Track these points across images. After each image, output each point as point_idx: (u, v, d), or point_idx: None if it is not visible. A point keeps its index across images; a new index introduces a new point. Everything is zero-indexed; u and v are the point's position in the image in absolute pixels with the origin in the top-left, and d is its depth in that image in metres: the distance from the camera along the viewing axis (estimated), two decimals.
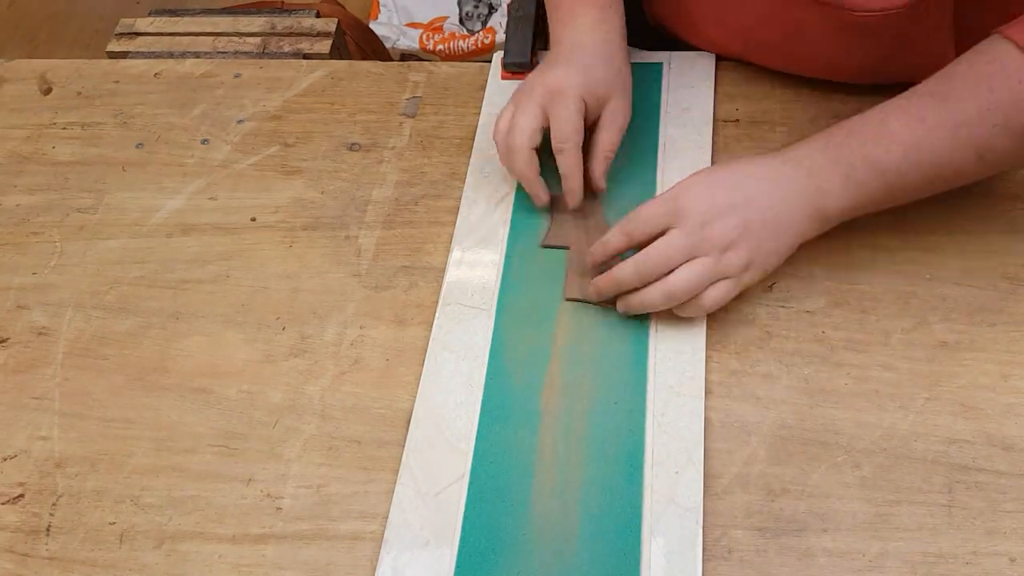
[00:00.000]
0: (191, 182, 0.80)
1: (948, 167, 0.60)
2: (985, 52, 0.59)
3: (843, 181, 0.61)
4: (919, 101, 0.61)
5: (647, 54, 0.83)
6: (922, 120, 0.60)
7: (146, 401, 0.67)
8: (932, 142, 0.59)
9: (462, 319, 0.68)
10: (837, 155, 0.62)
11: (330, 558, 0.59)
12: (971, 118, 0.58)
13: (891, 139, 0.60)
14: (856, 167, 0.61)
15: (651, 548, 0.56)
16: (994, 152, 0.59)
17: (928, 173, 0.61)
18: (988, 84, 0.58)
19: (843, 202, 0.62)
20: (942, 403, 0.61)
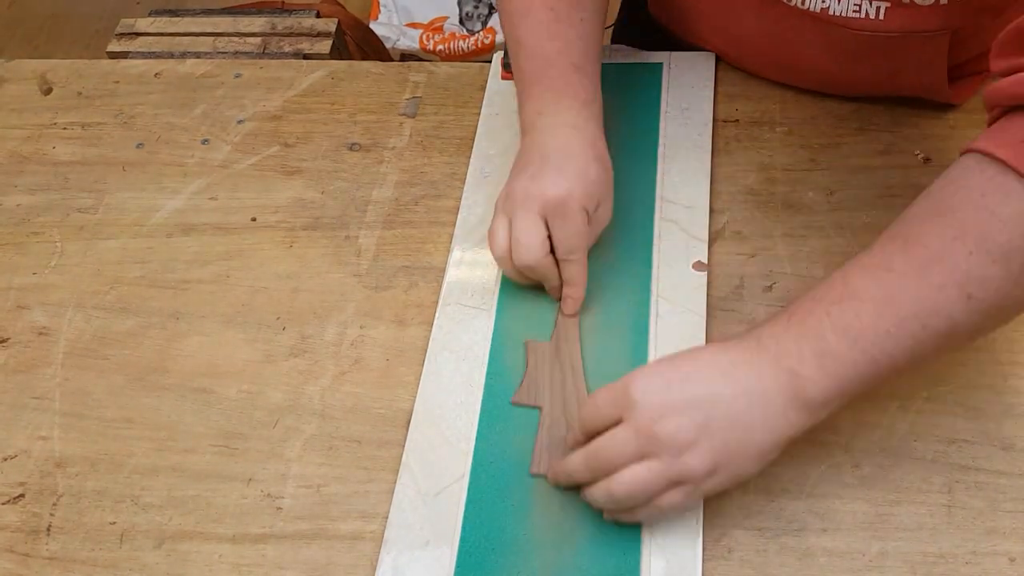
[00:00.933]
0: (191, 182, 0.80)
1: (934, 317, 0.50)
2: (946, 175, 0.53)
3: (816, 359, 0.52)
4: (881, 250, 0.53)
5: (647, 54, 0.83)
6: (889, 269, 0.52)
7: (146, 401, 0.67)
8: (905, 291, 0.51)
9: (462, 319, 0.68)
10: (803, 330, 0.53)
11: (330, 558, 0.59)
12: (938, 252, 0.50)
13: (858, 298, 0.52)
14: (827, 339, 0.52)
15: (651, 548, 0.56)
16: (981, 285, 0.49)
17: (914, 331, 0.51)
18: (948, 208, 0.51)
19: (823, 385, 0.52)
20: (942, 403, 0.61)
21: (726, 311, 0.67)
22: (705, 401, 0.53)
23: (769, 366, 0.53)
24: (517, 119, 0.79)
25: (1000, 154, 0.49)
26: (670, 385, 0.53)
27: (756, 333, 0.54)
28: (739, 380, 0.53)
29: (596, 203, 0.65)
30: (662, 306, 0.67)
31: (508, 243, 0.64)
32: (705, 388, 0.53)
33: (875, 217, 0.70)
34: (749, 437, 0.53)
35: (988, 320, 0.52)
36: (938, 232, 0.51)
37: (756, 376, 0.53)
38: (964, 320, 0.51)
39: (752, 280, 0.68)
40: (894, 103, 0.76)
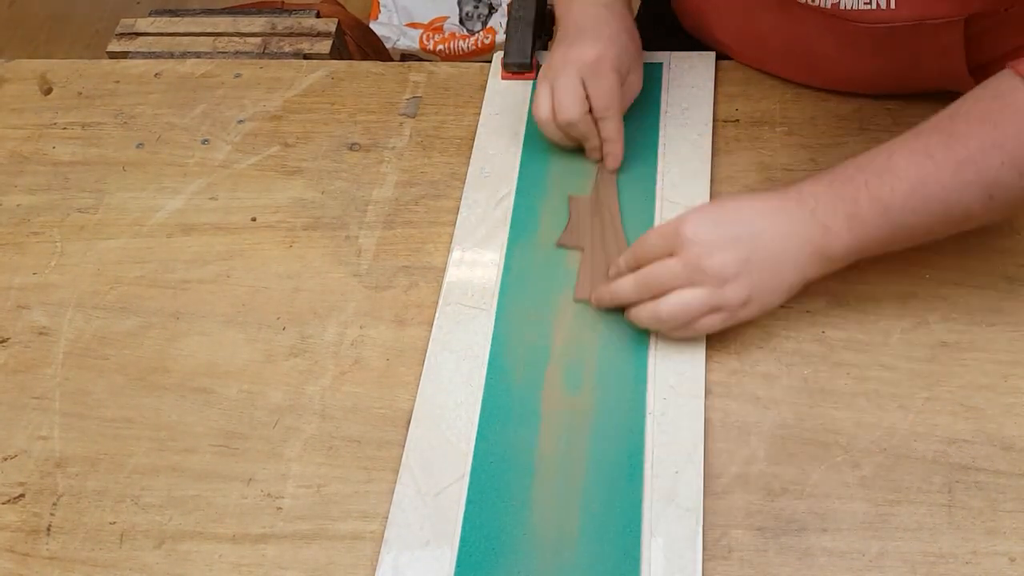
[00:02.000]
0: (191, 182, 0.80)
1: (956, 206, 0.58)
2: (992, 88, 0.59)
3: (847, 220, 0.59)
4: (926, 138, 0.59)
5: (647, 54, 0.82)
6: (929, 156, 0.58)
7: (146, 401, 0.67)
8: (938, 179, 0.58)
9: (462, 319, 0.68)
10: (842, 192, 0.60)
11: (330, 558, 0.59)
12: (976, 154, 0.57)
13: (896, 176, 0.58)
14: (861, 204, 0.59)
15: (651, 548, 0.56)
16: (1003, 189, 0.57)
17: (936, 211, 0.59)
18: (993, 120, 0.57)
19: (847, 242, 0.60)
20: (942, 403, 0.61)
21: None
22: (748, 240, 0.60)
23: (806, 218, 0.60)
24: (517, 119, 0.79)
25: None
26: (718, 224, 0.61)
27: (798, 187, 0.62)
28: (779, 225, 0.61)
29: (627, 68, 0.72)
30: None
31: (551, 106, 0.71)
32: (749, 229, 0.61)
33: None
34: (780, 275, 0.61)
35: (999, 215, 0.61)
36: (979, 137, 0.57)
37: (794, 225, 0.60)
38: (980, 213, 0.59)
39: None
40: (894, 103, 0.76)
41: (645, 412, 0.62)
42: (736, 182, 0.74)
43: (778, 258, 0.60)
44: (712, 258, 0.60)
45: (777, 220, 0.61)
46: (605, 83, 0.70)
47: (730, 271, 0.60)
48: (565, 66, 0.70)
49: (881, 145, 0.60)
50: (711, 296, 0.60)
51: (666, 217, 0.71)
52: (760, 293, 0.61)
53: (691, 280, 0.60)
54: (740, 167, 0.75)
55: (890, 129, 0.75)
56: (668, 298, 0.61)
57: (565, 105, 0.70)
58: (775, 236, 0.60)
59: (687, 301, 0.61)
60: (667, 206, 0.72)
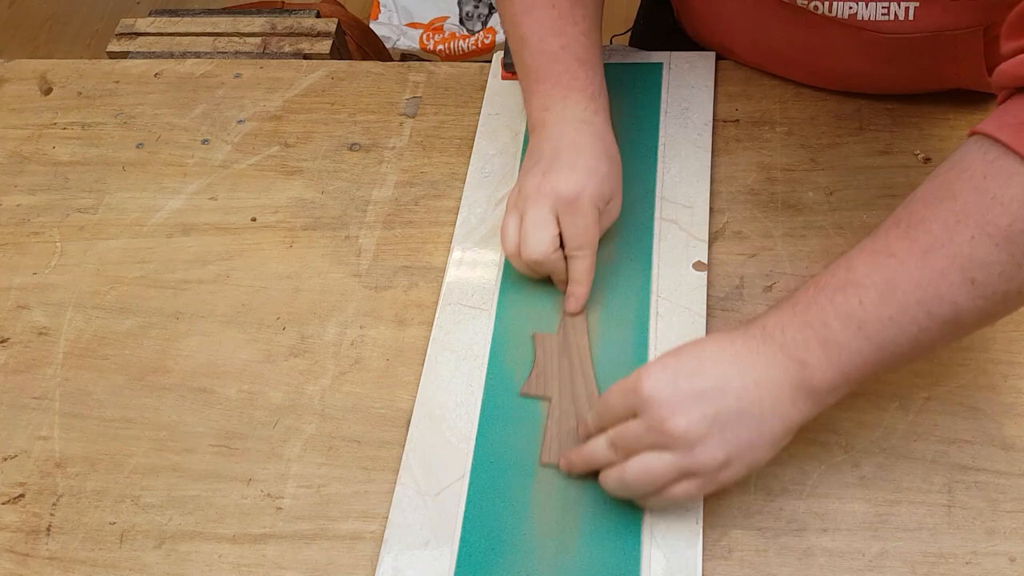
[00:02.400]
0: (191, 182, 0.80)
1: (938, 303, 0.50)
2: (950, 160, 0.52)
3: (822, 348, 0.52)
4: (884, 236, 0.53)
5: (647, 54, 0.83)
6: (890, 255, 0.51)
7: (146, 401, 0.67)
8: (907, 277, 0.50)
9: (462, 319, 0.68)
10: (807, 318, 0.52)
11: (330, 558, 0.59)
12: (940, 237, 0.50)
13: (861, 285, 0.51)
14: (832, 327, 0.51)
15: (651, 548, 0.56)
16: (983, 269, 0.49)
17: (917, 316, 0.50)
18: (950, 193, 0.50)
19: (830, 374, 0.52)
20: (942, 403, 0.61)
21: (726, 311, 0.67)
22: (714, 393, 0.52)
23: (776, 356, 0.53)
24: (517, 119, 0.79)
25: (1002, 136, 0.49)
26: (678, 380, 0.53)
27: (761, 322, 0.54)
28: (747, 370, 0.53)
29: (607, 199, 0.66)
30: (662, 306, 0.67)
31: (519, 239, 0.65)
32: (713, 380, 0.53)
33: (875, 217, 0.70)
34: (760, 427, 0.53)
35: (993, 305, 0.51)
36: (941, 216, 0.50)
37: (763, 366, 0.53)
38: (968, 306, 0.50)
39: (752, 280, 0.68)
40: (894, 103, 0.76)
41: None
42: (736, 182, 0.74)
43: (753, 409, 0.52)
44: (675, 419, 0.52)
45: (744, 365, 0.53)
46: (582, 222, 0.64)
47: (698, 431, 0.52)
48: (538, 198, 0.64)
49: (840, 257, 0.54)
50: (680, 460, 0.53)
51: (666, 217, 0.71)
52: (740, 451, 0.53)
53: (657, 445, 0.53)
54: (740, 167, 0.75)
55: (890, 128, 0.75)
56: (632, 462, 0.54)
57: (532, 243, 0.64)
58: (745, 385, 0.52)
59: (651, 466, 0.53)
60: (667, 206, 0.72)
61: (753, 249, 0.70)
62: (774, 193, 0.73)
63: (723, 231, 0.71)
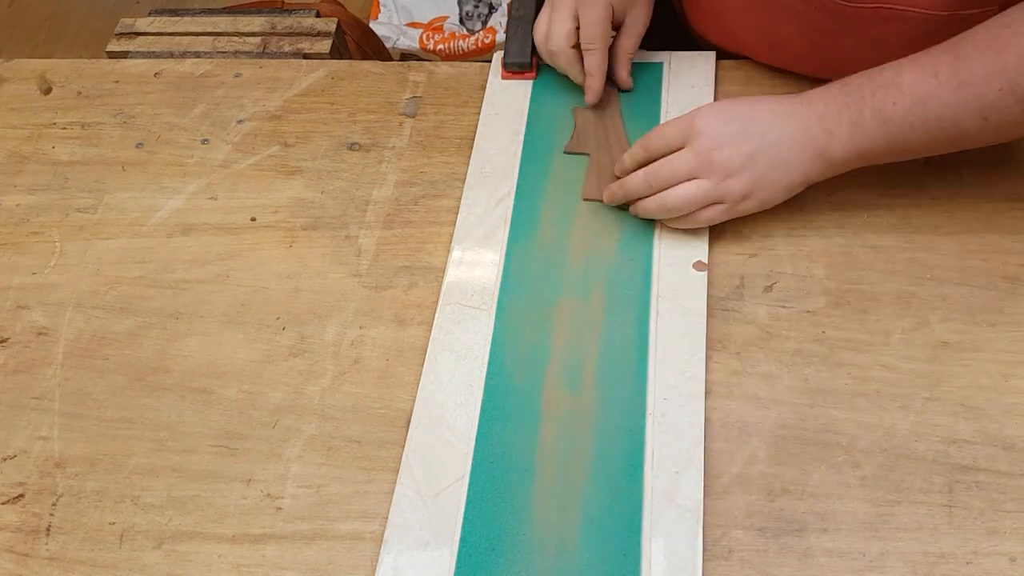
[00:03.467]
0: (191, 182, 0.80)
1: (952, 125, 0.61)
2: (1005, 16, 0.60)
3: (850, 127, 0.63)
4: (935, 58, 0.61)
5: (647, 54, 0.83)
6: (934, 75, 0.61)
7: (146, 401, 0.67)
8: (939, 98, 0.60)
9: (462, 319, 0.68)
10: (848, 100, 0.63)
11: (330, 558, 0.59)
12: (978, 78, 0.59)
13: (901, 90, 0.62)
14: (864, 113, 0.63)
15: (651, 548, 0.56)
16: (998, 113, 0.60)
17: (933, 129, 0.62)
18: (998, 47, 0.59)
19: (847, 147, 0.64)
20: (942, 403, 0.61)
21: (726, 311, 0.67)
22: (756, 137, 0.65)
23: (813, 121, 0.64)
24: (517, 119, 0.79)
25: None
26: (729, 120, 0.65)
27: (812, 92, 0.66)
28: (786, 126, 0.65)
29: (624, 4, 0.75)
30: (662, 306, 0.67)
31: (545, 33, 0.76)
32: (758, 127, 0.65)
33: (876, 217, 0.70)
34: (782, 173, 0.65)
35: (993, 138, 0.63)
36: (983, 62, 0.60)
37: (801, 126, 0.64)
38: (975, 134, 0.62)
39: (752, 280, 0.68)
40: None
41: (645, 412, 0.62)
42: None
43: (782, 156, 0.65)
44: (721, 151, 0.64)
45: (785, 121, 0.65)
46: (592, 14, 0.73)
47: (735, 164, 0.64)
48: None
49: (894, 62, 0.63)
50: (714, 187, 0.65)
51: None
52: (760, 188, 0.65)
53: (698, 172, 0.65)
54: None
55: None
56: (676, 189, 0.66)
57: (552, 36, 0.75)
58: (782, 135, 0.64)
59: (692, 192, 0.65)
60: None
61: (753, 249, 0.70)
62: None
63: (723, 231, 0.71)
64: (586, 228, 0.71)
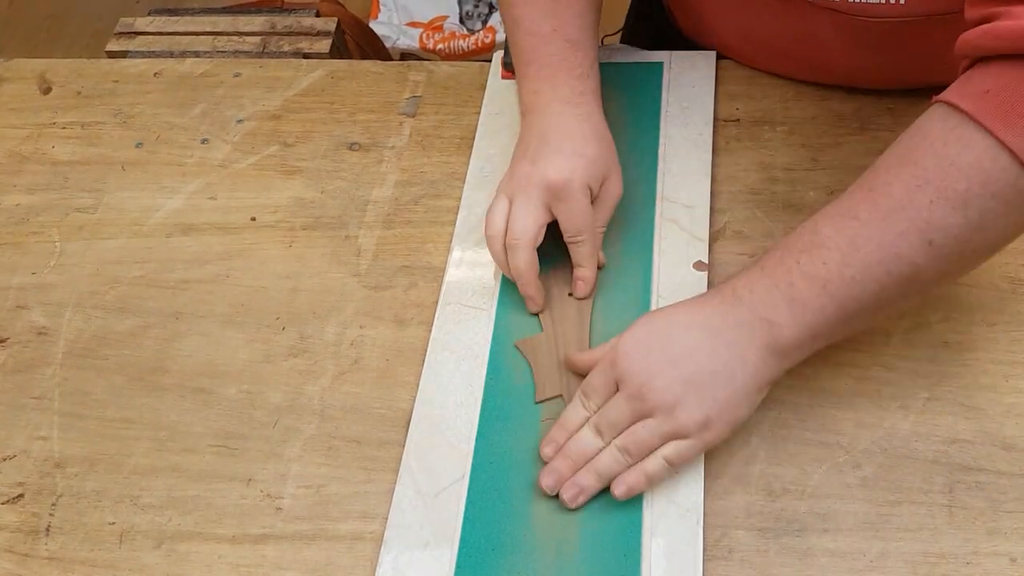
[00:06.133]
0: (191, 182, 0.80)
1: (897, 263, 0.52)
2: (914, 126, 0.54)
3: (788, 305, 0.55)
4: (848, 199, 0.55)
5: (647, 54, 0.83)
6: (854, 217, 0.53)
7: (146, 401, 0.67)
8: (869, 238, 0.52)
9: (462, 319, 0.68)
10: (774, 280, 0.55)
11: (330, 558, 0.59)
12: (902, 200, 0.52)
13: (825, 247, 0.54)
14: (797, 287, 0.54)
15: (651, 548, 0.56)
16: (941, 232, 0.51)
17: (878, 275, 0.53)
18: (912, 158, 0.52)
19: (794, 331, 0.55)
20: (943, 403, 0.61)
21: None
22: (685, 360, 0.56)
23: (744, 316, 0.56)
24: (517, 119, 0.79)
25: (963, 105, 0.50)
26: (650, 350, 0.57)
27: (731, 284, 0.57)
28: (717, 333, 0.56)
29: (600, 180, 0.66)
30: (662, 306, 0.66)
31: (504, 224, 0.65)
32: (684, 346, 0.57)
33: None
34: (733, 384, 0.56)
35: (949, 266, 0.53)
36: (902, 181, 0.52)
37: (733, 327, 0.56)
38: (926, 265, 0.52)
39: None
40: (896, 102, 0.76)
41: None
42: (737, 181, 0.74)
43: (725, 369, 0.56)
44: (652, 385, 0.56)
45: (713, 328, 0.57)
46: (575, 207, 0.64)
47: (674, 395, 0.56)
48: (528, 187, 0.65)
49: (807, 220, 0.56)
50: (663, 424, 0.56)
51: (667, 216, 0.71)
52: (718, 410, 0.56)
53: (640, 412, 0.57)
54: (741, 166, 0.74)
55: (891, 128, 0.75)
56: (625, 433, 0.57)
57: (519, 226, 0.64)
58: (715, 346, 0.56)
59: (640, 434, 0.57)
60: (668, 206, 0.72)
61: (754, 249, 0.70)
62: (775, 193, 0.72)
63: (724, 231, 0.71)
64: None
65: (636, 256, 0.69)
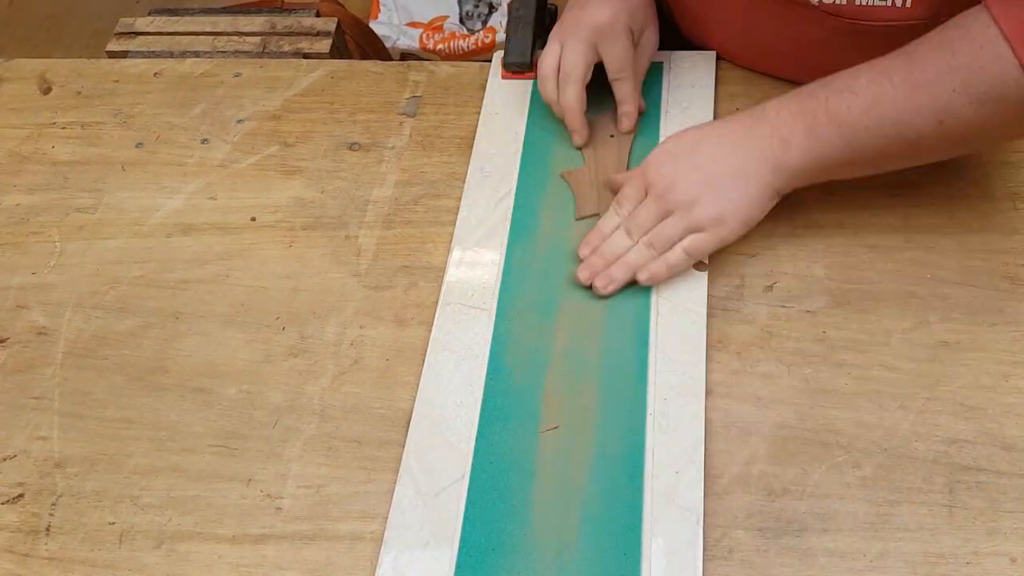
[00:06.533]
0: (191, 182, 0.80)
1: (908, 128, 0.60)
2: (959, 19, 0.60)
3: (804, 132, 0.63)
4: (890, 61, 0.61)
5: None
6: (888, 78, 0.60)
7: (146, 401, 0.67)
8: (893, 100, 0.60)
9: (462, 319, 0.68)
10: (803, 106, 0.63)
11: (330, 558, 0.59)
12: (931, 79, 0.59)
13: (855, 94, 0.61)
14: (818, 119, 0.62)
15: (651, 548, 0.56)
16: (953, 118, 0.59)
17: (888, 132, 0.61)
18: (951, 48, 0.59)
19: (803, 153, 0.63)
20: (943, 403, 0.61)
21: (726, 311, 0.67)
22: (707, 163, 0.65)
23: (765, 132, 0.64)
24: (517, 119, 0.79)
25: (1003, 25, 0.57)
26: (676, 157, 0.66)
27: (762, 105, 0.65)
28: (737, 144, 0.65)
29: (640, 26, 0.74)
30: (662, 305, 0.66)
31: (557, 62, 0.73)
32: (705, 153, 0.65)
33: (876, 217, 0.70)
34: (746, 187, 0.64)
35: (949, 144, 0.62)
36: (936, 63, 0.59)
37: (753, 141, 0.64)
38: (930, 138, 0.60)
39: (752, 280, 0.68)
40: None
41: (645, 412, 0.62)
42: None
43: (738, 173, 0.64)
44: (675, 187, 0.65)
45: (734, 141, 0.65)
46: (618, 45, 0.72)
47: (694, 193, 0.64)
48: (577, 28, 0.72)
49: (855, 66, 0.63)
50: (683, 218, 0.65)
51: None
52: (732, 207, 0.64)
53: (665, 211, 0.65)
54: None
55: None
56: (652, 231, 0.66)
57: (569, 64, 0.72)
58: (732, 154, 0.64)
59: (666, 230, 0.65)
60: None
61: (753, 249, 0.70)
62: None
63: None
64: (586, 228, 0.71)
65: None
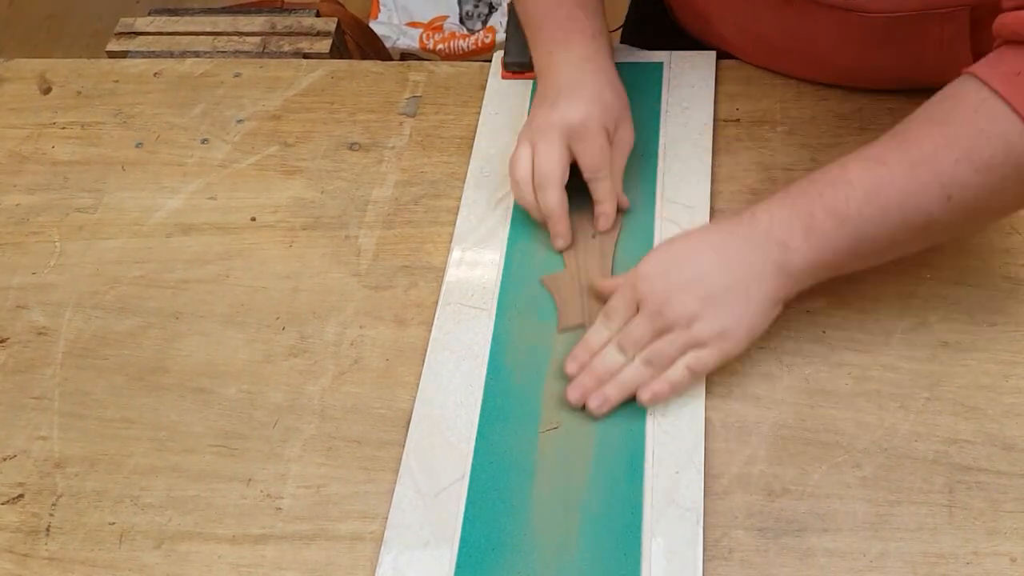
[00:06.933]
0: (191, 182, 0.80)
1: (914, 211, 0.56)
2: (946, 90, 0.58)
3: (804, 233, 0.58)
4: (880, 146, 0.58)
5: (647, 54, 0.83)
6: (882, 163, 0.57)
7: (146, 401, 0.67)
8: (893, 183, 0.56)
9: (462, 319, 0.68)
10: (796, 207, 0.59)
11: (330, 558, 0.59)
12: (929, 155, 0.56)
13: (851, 185, 0.57)
14: (816, 216, 0.58)
15: (651, 548, 0.56)
16: (960, 188, 0.55)
17: (894, 219, 0.57)
18: (943, 119, 0.56)
19: (807, 255, 0.59)
20: (943, 403, 0.61)
21: None
22: (703, 276, 0.60)
23: (761, 238, 0.60)
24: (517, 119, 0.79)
25: (993, 83, 0.54)
26: (669, 271, 0.61)
27: (751, 208, 0.61)
28: (732, 253, 0.60)
29: (615, 124, 0.70)
30: None
31: (530, 167, 0.69)
32: (700, 265, 0.61)
33: None
34: (748, 298, 0.60)
35: (962, 220, 0.58)
36: (931, 138, 0.56)
37: (749, 248, 0.60)
38: (940, 217, 0.57)
39: None
40: (895, 102, 0.76)
41: (645, 412, 0.62)
42: (737, 181, 0.74)
43: (738, 285, 0.60)
44: (671, 304, 0.60)
45: (729, 249, 0.61)
46: (595, 145, 0.68)
47: (692, 310, 0.60)
48: (548, 129, 0.68)
49: (836, 159, 0.60)
50: (682, 336, 0.60)
51: (667, 217, 0.71)
52: (735, 321, 0.60)
53: (661, 329, 0.60)
54: (741, 166, 0.74)
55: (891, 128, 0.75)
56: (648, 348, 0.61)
57: (546, 168, 0.67)
58: (729, 264, 0.60)
59: (662, 349, 0.60)
60: (668, 206, 0.72)
61: None
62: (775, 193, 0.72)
63: None
64: None
65: (636, 256, 0.69)
